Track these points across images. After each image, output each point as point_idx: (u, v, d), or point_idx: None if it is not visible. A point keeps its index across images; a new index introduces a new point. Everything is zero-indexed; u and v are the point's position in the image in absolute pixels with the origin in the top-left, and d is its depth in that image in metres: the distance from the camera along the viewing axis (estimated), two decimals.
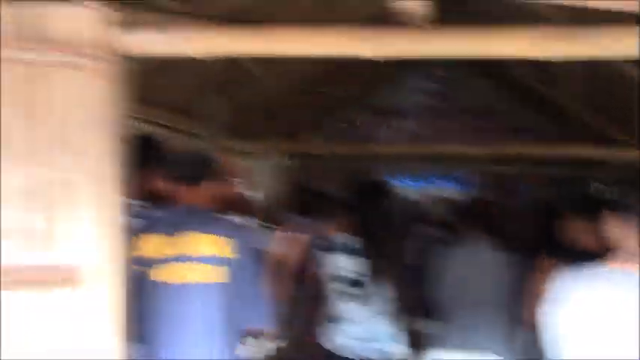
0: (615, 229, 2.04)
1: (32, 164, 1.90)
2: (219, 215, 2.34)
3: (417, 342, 4.17)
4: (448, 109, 7.39)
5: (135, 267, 2.16)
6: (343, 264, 3.23)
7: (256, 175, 6.08)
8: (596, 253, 2.58)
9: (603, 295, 1.97)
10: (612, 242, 2.05)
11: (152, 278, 2.17)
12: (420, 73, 7.24)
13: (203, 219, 2.24)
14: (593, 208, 3.02)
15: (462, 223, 3.76)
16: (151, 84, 3.32)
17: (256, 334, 2.45)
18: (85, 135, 1.93)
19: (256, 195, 5.77)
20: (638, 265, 1.94)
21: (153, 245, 2.18)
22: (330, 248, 3.28)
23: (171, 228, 2.19)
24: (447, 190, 8.05)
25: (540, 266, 3.10)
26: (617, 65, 3.65)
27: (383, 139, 7.34)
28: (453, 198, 6.97)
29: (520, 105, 7.14)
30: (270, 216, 4.19)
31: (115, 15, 1.95)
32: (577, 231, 3.11)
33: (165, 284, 2.17)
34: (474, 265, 3.59)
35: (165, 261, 2.17)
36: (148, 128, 3.60)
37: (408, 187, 7.68)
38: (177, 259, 2.17)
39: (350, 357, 3.20)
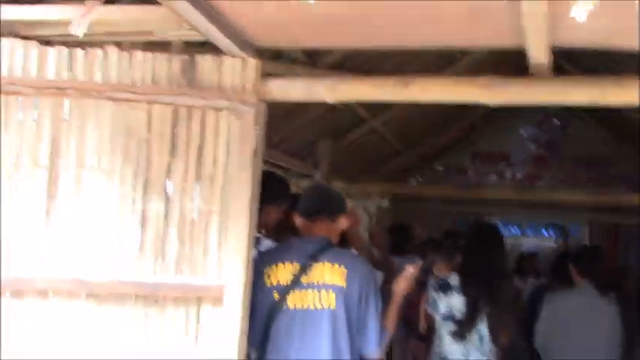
0: None
1: (185, 196, 2.17)
2: (345, 249, 2.54)
3: None
4: (558, 157, 7.34)
5: (271, 293, 2.39)
6: (457, 305, 3.32)
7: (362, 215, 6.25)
8: None
9: None
10: None
11: (286, 304, 2.38)
12: (531, 121, 7.26)
13: (334, 252, 2.45)
14: None
15: (573, 269, 3.77)
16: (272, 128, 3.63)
17: None
18: (231, 170, 2.19)
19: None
20: None
21: (287, 273, 2.40)
22: (444, 288, 3.38)
23: (306, 258, 2.40)
24: (554, 239, 7.96)
25: None
26: None
27: (490, 185, 7.37)
28: (563, 246, 6.89)
29: (636, 153, 6.97)
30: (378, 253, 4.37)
31: (258, 64, 2.22)
32: None
33: (294, 312, 2.38)
34: (584, 312, 3.58)
35: (300, 287, 2.38)
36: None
37: (513, 235, 7.68)
38: (311, 286, 2.39)
39: None
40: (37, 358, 2.12)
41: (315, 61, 3.05)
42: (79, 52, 2.18)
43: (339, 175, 5.41)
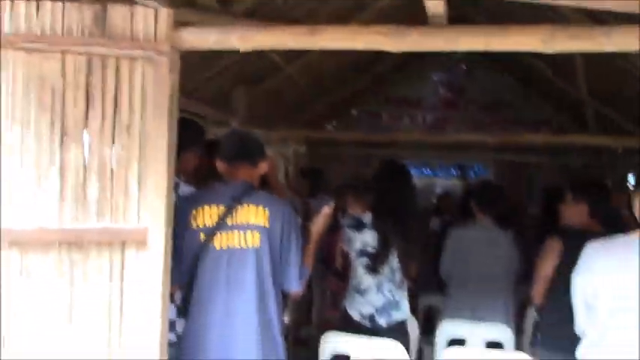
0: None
1: (104, 144, 2.24)
2: (265, 191, 2.70)
3: (431, 314, 4.55)
4: (466, 101, 7.76)
5: (197, 235, 2.53)
6: (369, 240, 3.56)
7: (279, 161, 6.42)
8: (594, 233, 2.94)
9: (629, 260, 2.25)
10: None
11: (212, 245, 2.52)
12: (440, 67, 7.60)
13: (256, 194, 2.60)
14: (593, 193, 3.37)
15: (474, 206, 4.14)
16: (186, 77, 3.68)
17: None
18: (147, 119, 2.27)
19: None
20: None
21: (212, 215, 2.53)
22: (358, 226, 3.61)
23: (231, 201, 2.54)
24: (461, 177, 8.43)
25: (548, 247, 3.42)
26: (632, 58, 3.93)
27: (402, 129, 7.69)
28: (467, 184, 7.33)
29: (537, 98, 7.46)
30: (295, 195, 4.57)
31: (171, 13, 2.29)
32: (578, 213, 3.41)
33: (224, 250, 2.53)
34: (482, 244, 3.97)
35: (225, 228, 2.53)
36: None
37: (424, 175, 8.09)
38: (235, 227, 2.53)
39: (369, 326, 3.54)
40: None
41: (227, 9, 3.12)
42: None
43: (256, 122, 5.50)
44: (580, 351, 2.36)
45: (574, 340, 3.33)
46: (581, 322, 2.38)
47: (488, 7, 5.07)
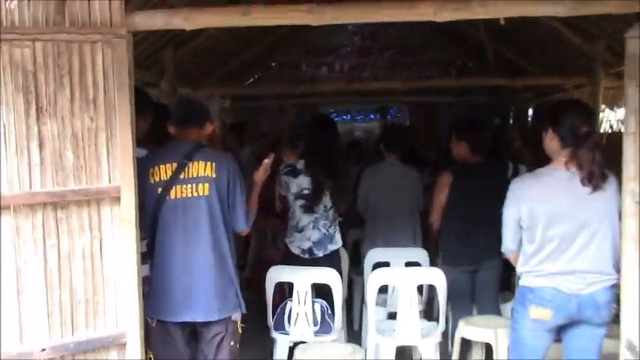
0: (552, 142, 2.93)
1: (74, 117, 2.67)
2: (210, 148, 3.20)
3: (357, 246, 5.26)
4: (380, 48, 8.36)
5: (155, 189, 3.01)
6: (304, 184, 4.14)
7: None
8: (476, 165, 3.65)
9: (560, 186, 2.85)
10: (548, 151, 2.97)
11: (169, 196, 3.02)
12: None
13: (203, 151, 3.10)
14: (471, 131, 4.11)
15: (382, 147, 4.86)
16: None
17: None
18: (110, 93, 2.71)
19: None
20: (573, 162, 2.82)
21: (167, 171, 3.02)
22: (294, 172, 4.18)
23: (183, 158, 3.03)
24: (381, 119, 9.13)
25: (439, 180, 4.15)
26: None
27: (321, 78, 8.23)
28: (382, 127, 8.03)
29: (444, 41, 8.14)
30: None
31: (123, 2, 2.70)
32: (461, 149, 4.14)
33: (176, 202, 3.03)
34: (390, 180, 4.69)
35: (179, 182, 3.02)
36: None
37: (345, 120, 8.71)
38: (188, 180, 3.03)
39: (308, 257, 4.15)
40: None
41: None
42: None
43: (184, 81, 5.90)
44: (520, 262, 2.96)
45: (471, 255, 4.11)
46: (509, 243, 2.99)
47: None
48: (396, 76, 7.68)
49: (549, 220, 2.80)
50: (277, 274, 3.94)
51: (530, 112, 7.80)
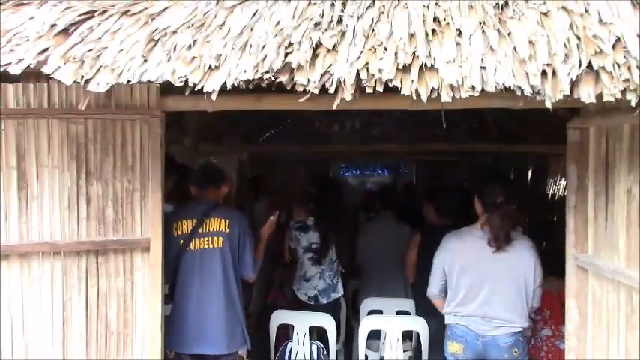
0: (477, 206, 3.60)
1: (116, 180, 3.34)
2: (225, 206, 3.87)
3: (353, 294, 5.85)
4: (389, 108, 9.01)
5: (177, 240, 3.66)
6: (313, 239, 4.78)
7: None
8: (440, 227, 4.25)
9: (473, 243, 3.54)
10: (476, 213, 3.62)
11: (189, 247, 3.67)
12: None
13: (219, 209, 3.77)
14: (436, 196, 4.68)
15: (379, 203, 5.49)
16: None
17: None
18: (144, 161, 3.38)
19: None
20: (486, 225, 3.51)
21: (188, 226, 3.68)
22: (304, 229, 4.83)
23: (202, 215, 3.69)
24: (393, 174, 9.76)
25: (412, 239, 4.73)
26: None
27: (334, 135, 8.90)
28: (382, 185, 8.67)
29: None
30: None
31: (158, 87, 3.39)
32: (429, 212, 4.73)
33: (195, 252, 3.67)
34: (383, 235, 5.31)
35: (198, 235, 3.67)
36: None
37: (353, 176, 9.37)
38: (205, 234, 3.69)
39: (314, 303, 4.77)
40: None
41: None
42: (30, 87, 3.24)
43: (205, 138, 6.61)
44: (445, 307, 3.63)
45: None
46: (433, 288, 3.69)
47: None
48: (403, 135, 8.32)
49: (461, 271, 3.46)
50: (281, 317, 4.54)
51: (530, 173, 8.41)
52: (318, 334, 4.65)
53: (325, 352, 4.50)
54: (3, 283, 3.23)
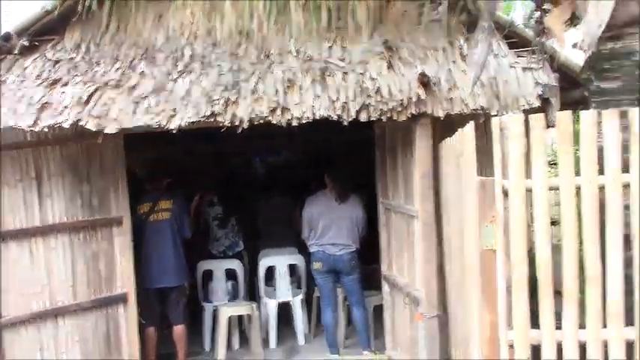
0: (327, 180, 6.09)
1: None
2: (168, 192, 6.17)
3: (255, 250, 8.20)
4: None
5: (141, 217, 5.93)
6: (217, 211, 7.13)
7: None
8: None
9: (326, 200, 6.07)
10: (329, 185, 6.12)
11: (148, 220, 5.96)
12: None
13: (166, 194, 6.08)
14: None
15: (272, 181, 7.90)
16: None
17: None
18: (112, 172, 5.58)
19: None
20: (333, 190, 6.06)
21: (147, 206, 5.95)
22: (212, 204, 7.18)
23: (155, 198, 5.98)
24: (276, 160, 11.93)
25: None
26: None
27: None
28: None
29: None
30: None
31: None
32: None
33: (153, 222, 5.97)
34: (276, 207, 7.68)
35: (154, 212, 5.96)
36: None
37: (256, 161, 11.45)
38: (158, 210, 5.99)
39: (223, 256, 7.12)
40: None
41: None
42: None
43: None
44: (310, 241, 6.14)
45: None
46: (305, 234, 6.21)
47: None
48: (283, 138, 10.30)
49: (318, 217, 5.96)
50: (203, 265, 6.89)
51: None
52: (229, 275, 6.99)
53: (237, 287, 6.87)
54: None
